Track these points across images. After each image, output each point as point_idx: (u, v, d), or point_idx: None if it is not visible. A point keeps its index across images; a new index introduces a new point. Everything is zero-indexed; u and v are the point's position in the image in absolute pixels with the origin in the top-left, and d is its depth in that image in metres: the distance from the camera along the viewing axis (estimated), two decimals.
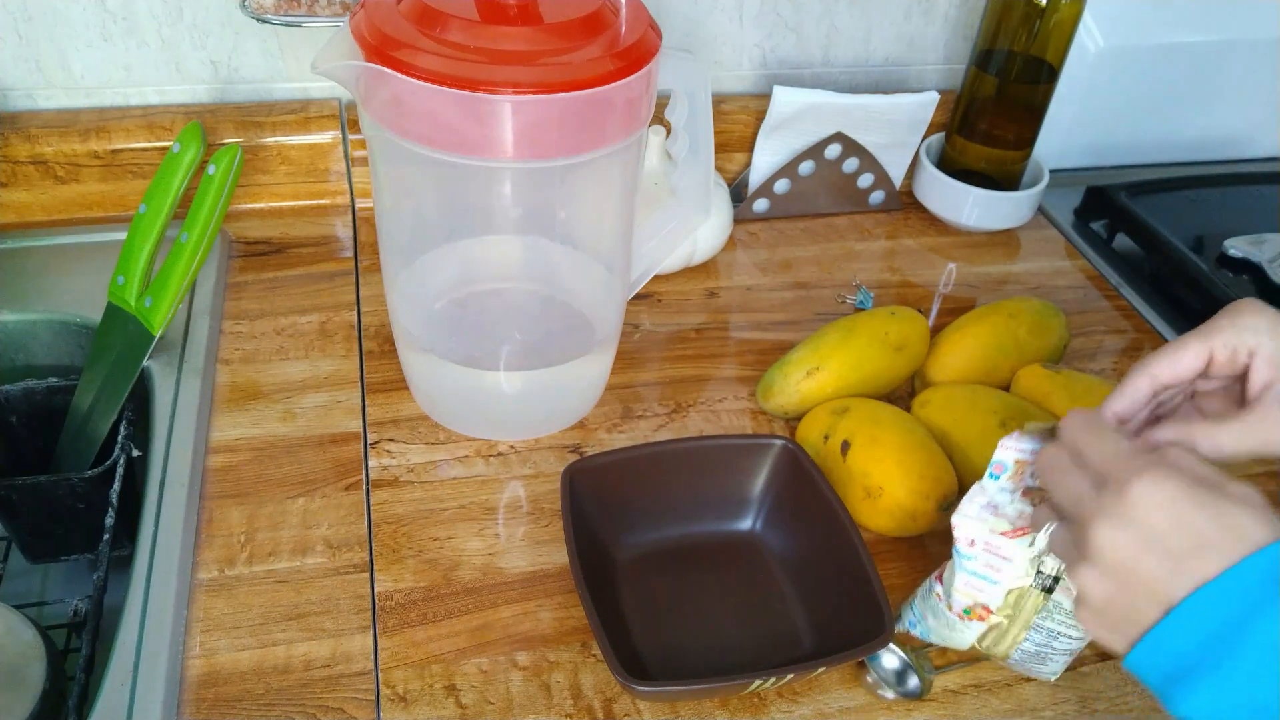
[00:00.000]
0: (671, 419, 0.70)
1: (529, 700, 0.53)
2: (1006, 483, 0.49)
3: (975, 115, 0.87)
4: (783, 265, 0.86)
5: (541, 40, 0.52)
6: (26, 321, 0.71)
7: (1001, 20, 0.82)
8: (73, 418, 0.67)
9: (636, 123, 0.57)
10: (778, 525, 0.62)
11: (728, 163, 0.92)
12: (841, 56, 0.93)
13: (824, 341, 0.69)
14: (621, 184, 0.62)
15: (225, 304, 0.75)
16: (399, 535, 0.61)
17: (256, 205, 0.83)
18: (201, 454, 0.63)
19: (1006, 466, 0.48)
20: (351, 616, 0.56)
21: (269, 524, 0.60)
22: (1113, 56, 0.93)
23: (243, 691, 0.52)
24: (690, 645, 0.56)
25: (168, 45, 0.80)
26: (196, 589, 0.57)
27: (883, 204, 0.93)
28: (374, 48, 0.51)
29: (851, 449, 0.62)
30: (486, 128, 0.52)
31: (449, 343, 0.66)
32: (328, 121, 0.82)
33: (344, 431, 0.66)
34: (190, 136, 0.62)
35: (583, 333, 0.68)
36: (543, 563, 0.60)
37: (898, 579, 0.61)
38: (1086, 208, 0.95)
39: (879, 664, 0.55)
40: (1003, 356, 0.71)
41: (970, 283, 0.85)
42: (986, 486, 0.49)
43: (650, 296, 0.80)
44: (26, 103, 0.80)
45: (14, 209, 0.79)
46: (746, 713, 0.53)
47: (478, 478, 0.65)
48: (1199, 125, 1.01)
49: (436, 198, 0.63)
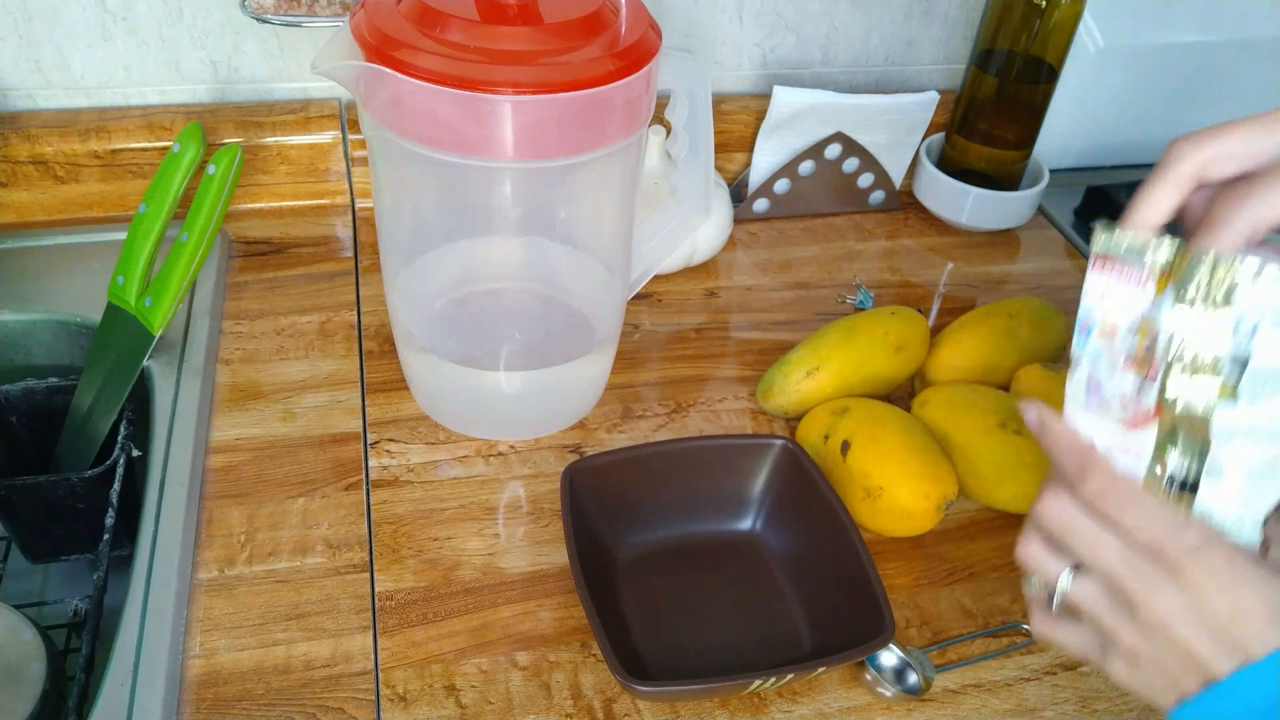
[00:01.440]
0: (671, 419, 0.70)
1: (529, 700, 0.53)
2: (1099, 343, 0.40)
3: (975, 115, 0.87)
4: (783, 265, 0.86)
5: (541, 40, 0.52)
6: (26, 321, 0.71)
7: (1001, 20, 0.82)
8: (73, 418, 0.67)
9: (636, 123, 0.57)
10: (778, 525, 0.62)
11: (728, 163, 0.92)
12: (841, 56, 0.93)
13: (824, 341, 0.69)
14: (621, 184, 0.62)
15: (225, 304, 0.75)
16: (399, 535, 0.61)
17: (256, 205, 0.83)
18: (201, 454, 0.63)
19: (1092, 323, 0.39)
20: (351, 616, 0.56)
21: (269, 524, 0.60)
22: (1113, 56, 0.93)
23: (243, 691, 0.52)
24: (690, 645, 0.56)
25: (168, 45, 0.80)
26: (196, 589, 0.57)
27: (883, 204, 0.93)
28: (374, 48, 0.51)
29: (851, 449, 0.62)
30: (486, 128, 0.52)
31: (449, 343, 0.66)
32: (328, 121, 0.82)
33: (344, 431, 0.66)
34: (190, 136, 0.62)
35: (583, 333, 0.68)
36: (543, 563, 0.60)
37: (898, 579, 0.61)
38: (1086, 208, 0.95)
39: (877, 662, 0.55)
40: (1003, 356, 0.71)
41: (970, 283, 0.85)
42: (1077, 357, 0.41)
43: (650, 296, 0.80)
44: (26, 103, 0.80)
45: (14, 209, 0.79)
46: (746, 713, 0.53)
47: (478, 478, 0.65)
48: (1199, 125, 1.00)
49: (436, 198, 0.63)
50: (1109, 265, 0.40)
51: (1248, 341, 0.38)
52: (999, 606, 0.60)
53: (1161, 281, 0.39)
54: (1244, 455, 0.39)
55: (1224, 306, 0.38)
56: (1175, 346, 0.38)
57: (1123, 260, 0.40)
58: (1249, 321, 0.37)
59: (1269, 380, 0.38)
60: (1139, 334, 0.39)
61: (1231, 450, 0.39)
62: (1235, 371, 0.38)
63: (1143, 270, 0.40)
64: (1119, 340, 0.39)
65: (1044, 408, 0.43)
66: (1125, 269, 0.40)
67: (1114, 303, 0.40)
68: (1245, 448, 0.39)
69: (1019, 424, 0.64)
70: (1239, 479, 0.39)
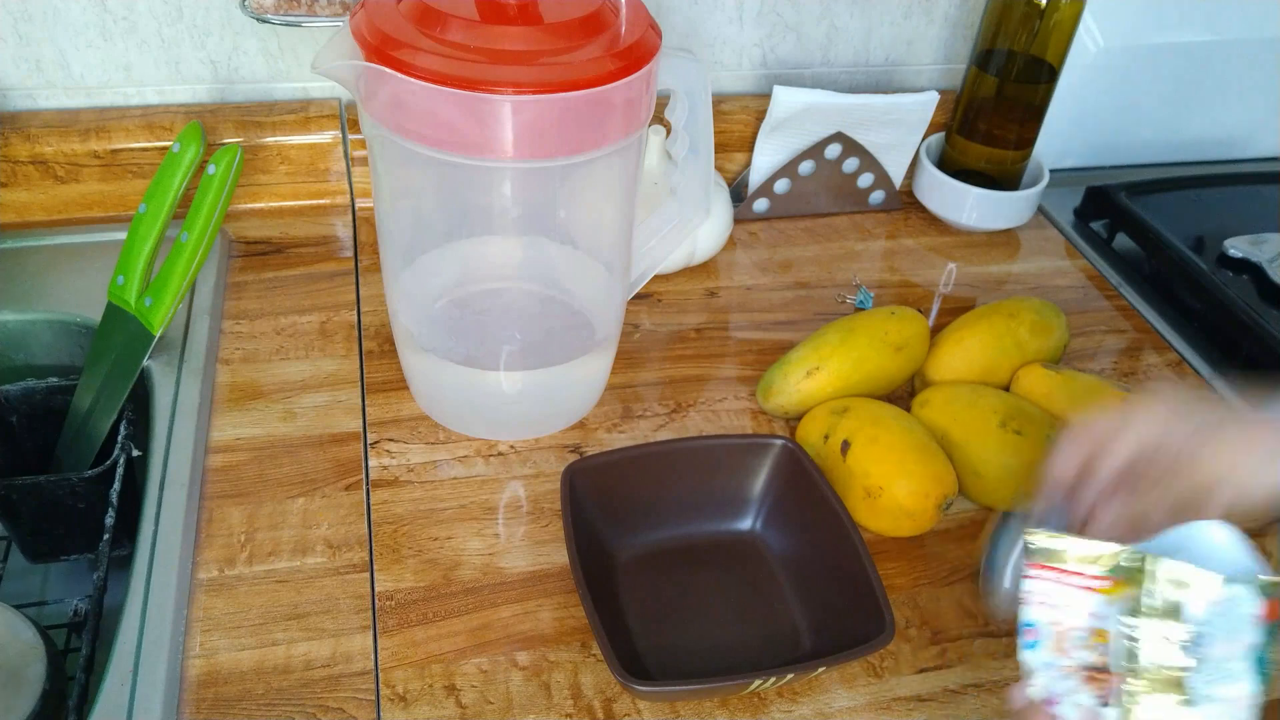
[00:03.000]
0: (671, 419, 0.70)
1: (529, 700, 0.53)
2: (1048, 656, 0.40)
3: (975, 115, 0.87)
4: (783, 265, 0.86)
5: (541, 40, 0.52)
6: (26, 321, 0.71)
7: (1001, 20, 0.82)
8: (73, 418, 0.67)
9: (636, 123, 0.57)
10: (778, 525, 0.62)
11: (728, 163, 0.92)
12: (841, 56, 0.93)
13: (824, 341, 0.69)
14: (621, 184, 0.62)
15: (225, 304, 0.75)
16: (399, 535, 0.61)
17: (256, 205, 0.83)
18: (201, 454, 0.63)
19: (1042, 632, 0.40)
20: (351, 616, 0.56)
21: (269, 524, 0.60)
22: (1113, 56, 0.93)
23: (243, 691, 0.52)
24: (690, 645, 0.56)
25: (168, 45, 0.80)
26: (196, 589, 0.57)
27: (883, 204, 0.93)
28: (374, 47, 0.51)
29: (851, 449, 0.62)
30: (486, 127, 0.52)
31: (449, 343, 0.66)
32: (328, 121, 0.82)
33: (344, 431, 0.66)
34: (190, 136, 0.62)
35: (583, 333, 0.68)
36: (543, 563, 0.60)
37: (898, 579, 0.61)
38: (1086, 208, 0.95)
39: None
40: (1003, 356, 0.71)
41: (970, 283, 0.85)
42: (1028, 666, 0.41)
43: (650, 296, 0.80)
44: (26, 103, 0.80)
45: (14, 209, 0.79)
46: (746, 713, 0.53)
47: (478, 478, 0.65)
48: (1199, 125, 1.01)
49: (436, 198, 0.63)
50: (1049, 570, 0.40)
51: (1204, 650, 0.38)
52: None
53: (1114, 589, 0.39)
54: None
55: (1176, 620, 0.38)
56: (1133, 658, 0.38)
57: (1065, 564, 0.40)
58: (1203, 633, 0.38)
59: (1223, 679, 0.38)
60: (1091, 645, 0.39)
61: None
62: (1192, 683, 0.38)
63: (1086, 576, 0.40)
64: (1072, 653, 0.39)
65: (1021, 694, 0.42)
66: (1067, 574, 0.40)
67: (1062, 610, 0.40)
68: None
69: (1019, 424, 0.64)
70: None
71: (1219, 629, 0.38)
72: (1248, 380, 0.78)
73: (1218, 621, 0.38)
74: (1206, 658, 0.38)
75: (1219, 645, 0.38)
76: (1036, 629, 0.40)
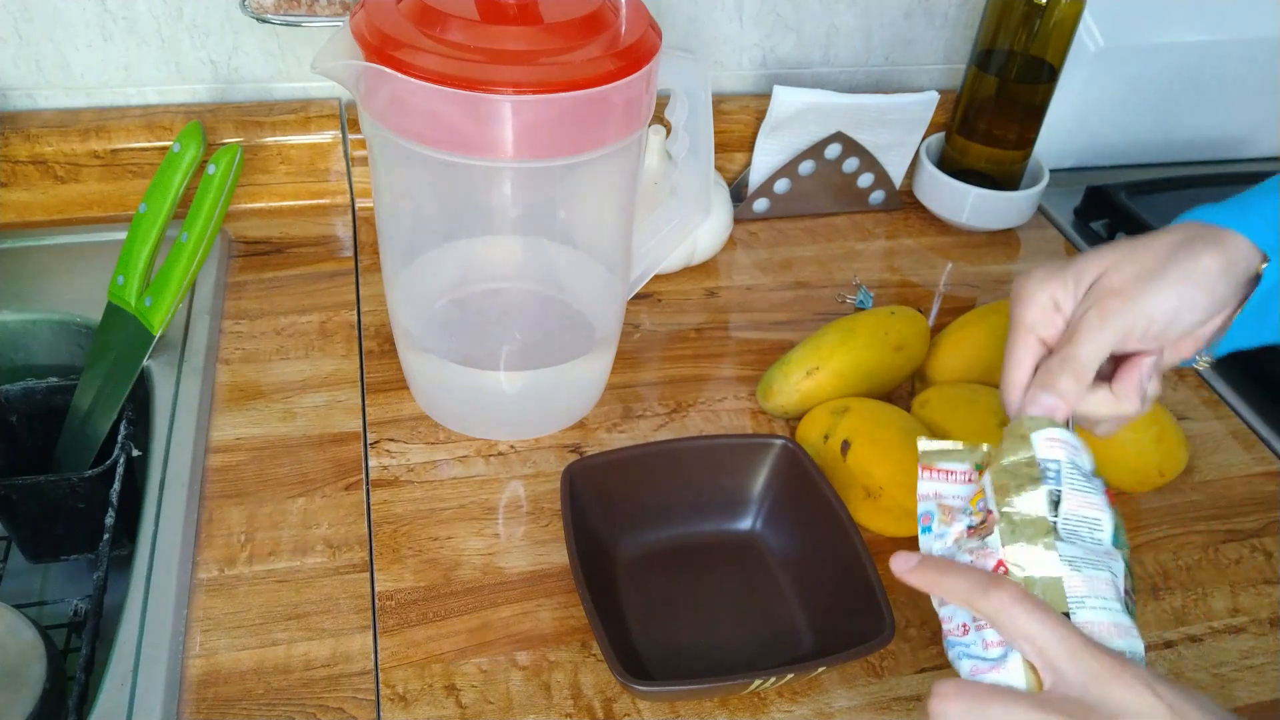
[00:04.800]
0: (671, 419, 0.70)
1: (529, 700, 0.53)
2: (942, 529, 0.45)
3: (975, 115, 0.87)
4: (783, 265, 0.86)
5: (541, 40, 0.52)
6: (26, 321, 0.71)
7: (1001, 20, 0.82)
8: (73, 418, 0.67)
9: (636, 123, 0.57)
10: (778, 525, 0.62)
11: (728, 163, 0.92)
12: (841, 56, 0.93)
13: (824, 341, 0.69)
14: (621, 184, 0.62)
15: (225, 304, 0.75)
16: (399, 535, 0.61)
17: (256, 205, 0.83)
18: (201, 454, 0.63)
19: (933, 513, 0.45)
20: (351, 616, 0.56)
21: (269, 524, 0.60)
22: (1113, 56, 0.93)
23: (243, 691, 0.52)
24: (690, 645, 0.56)
25: (167, 45, 0.80)
26: (196, 589, 0.57)
27: (883, 204, 0.93)
28: (374, 47, 0.51)
29: (851, 449, 0.62)
30: (486, 127, 0.52)
31: (449, 343, 0.66)
32: (328, 121, 0.82)
33: (344, 431, 0.66)
34: (190, 136, 0.62)
35: (583, 333, 0.68)
36: (543, 563, 0.60)
37: (897, 579, 0.61)
38: (1086, 208, 0.95)
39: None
40: (1003, 356, 0.70)
41: (970, 283, 0.85)
42: (925, 547, 0.46)
43: (650, 296, 0.80)
44: (26, 102, 0.80)
45: (14, 209, 0.79)
46: (746, 713, 0.53)
47: (478, 477, 0.65)
48: (1199, 125, 1.01)
49: (436, 198, 0.63)
50: (936, 471, 0.47)
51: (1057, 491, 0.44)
52: None
53: (980, 473, 0.46)
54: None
55: (1034, 469, 0.44)
56: (1001, 499, 0.44)
57: (948, 465, 0.47)
58: (1051, 474, 0.44)
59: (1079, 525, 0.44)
60: (972, 510, 0.45)
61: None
62: (1054, 520, 0.43)
63: (966, 469, 0.47)
64: (955, 519, 0.46)
65: (908, 555, 0.45)
66: (951, 472, 0.47)
67: (948, 498, 0.46)
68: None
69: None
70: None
71: (1074, 485, 0.44)
72: (1247, 379, 0.78)
73: (1073, 479, 0.44)
74: (1065, 514, 0.44)
75: (1073, 500, 0.44)
76: (929, 514, 0.46)
